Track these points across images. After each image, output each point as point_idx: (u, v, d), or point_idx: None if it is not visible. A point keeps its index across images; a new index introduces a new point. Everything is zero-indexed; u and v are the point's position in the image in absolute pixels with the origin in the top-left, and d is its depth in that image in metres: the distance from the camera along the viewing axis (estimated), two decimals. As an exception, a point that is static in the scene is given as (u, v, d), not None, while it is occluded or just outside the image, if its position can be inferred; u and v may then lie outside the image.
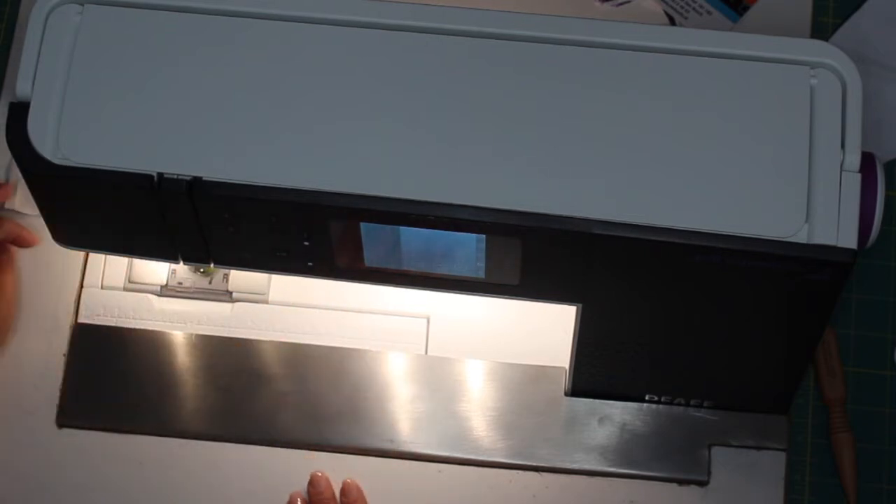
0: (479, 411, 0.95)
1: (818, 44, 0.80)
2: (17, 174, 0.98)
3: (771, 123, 0.78)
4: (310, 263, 0.85)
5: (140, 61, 0.80)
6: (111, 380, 0.97)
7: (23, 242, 0.97)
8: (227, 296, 0.99)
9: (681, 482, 0.93)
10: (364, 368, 0.96)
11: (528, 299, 0.86)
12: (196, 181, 0.79)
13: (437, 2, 0.81)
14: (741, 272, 0.79)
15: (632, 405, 0.94)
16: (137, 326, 0.97)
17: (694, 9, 1.04)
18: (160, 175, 0.79)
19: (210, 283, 0.99)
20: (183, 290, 0.99)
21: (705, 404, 0.93)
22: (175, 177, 0.79)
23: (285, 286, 0.98)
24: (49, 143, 0.80)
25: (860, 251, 0.78)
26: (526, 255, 0.81)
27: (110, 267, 0.99)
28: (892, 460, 0.96)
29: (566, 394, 0.94)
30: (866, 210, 0.78)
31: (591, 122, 0.79)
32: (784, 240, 0.77)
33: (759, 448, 0.93)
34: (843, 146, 0.78)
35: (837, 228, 0.77)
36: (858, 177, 0.78)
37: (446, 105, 0.79)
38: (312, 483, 0.93)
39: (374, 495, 0.93)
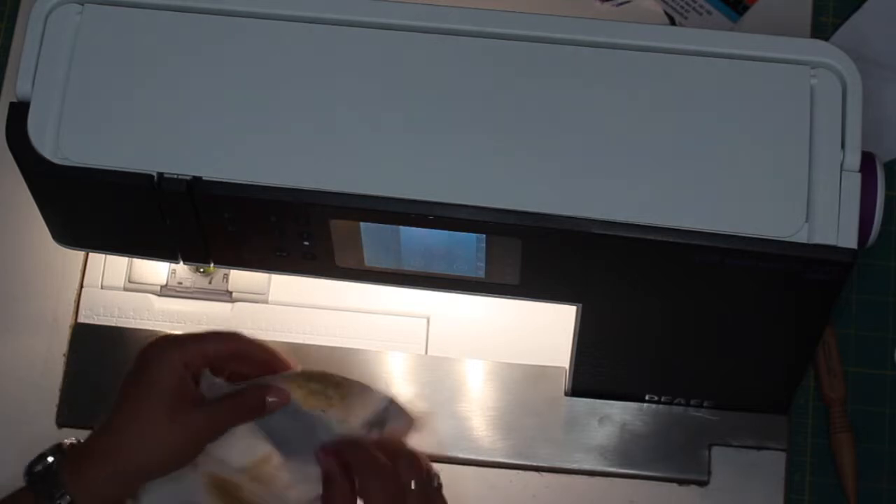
0: (479, 411, 0.95)
1: (818, 44, 0.80)
2: None
3: (771, 123, 0.78)
4: (310, 263, 0.85)
5: (140, 61, 0.80)
6: (111, 380, 0.96)
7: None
8: (227, 296, 0.99)
9: (681, 482, 0.93)
10: (364, 368, 0.96)
11: (528, 299, 0.86)
12: (196, 181, 0.79)
13: (437, 2, 0.81)
14: (741, 272, 0.79)
15: (632, 405, 0.94)
16: (137, 326, 0.97)
17: (694, 9, 1.04)
18: (160, 175, 0.79)
19: (210, 283, 0.99)
20: (183, 290, 0.99)
21: (705, 404, 0.93)
22: (175, 177, 0.79)
23: (285, 286, 0.98)
24: (49, 143, 0.80)
25: (860, 251, 0.78)
26: (526, 255, 0.81)
27: (110, 267, 0.99)
28: (892, 460, 0.96)
29: (566, 394, 0.94)
30: (866, 210, 0.78)
31: (590, 122, 0.79)
32: (784, 240, 0.77)
33: (759, 448, 0.93)
34: (843, 146, 0.78)
35: (837, 228, 0.77)
36: (858, 177, 0.78)
37: (446, 105, 0.79)
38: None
39: (374, 495, 0.93)
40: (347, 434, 0.80)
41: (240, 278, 0.99)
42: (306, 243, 0.83)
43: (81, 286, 0.99)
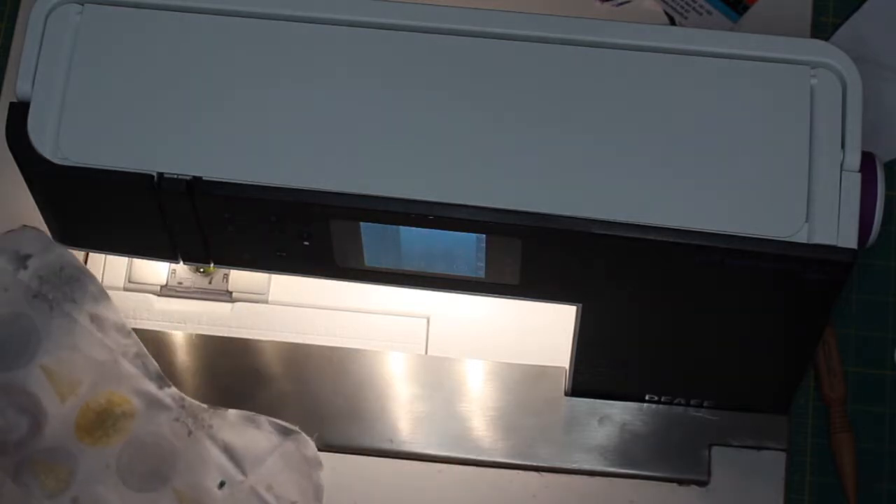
0: (479, 411, 0.95)
1: (818, 44, 0.80)
2: None
3: (771, 123, 0.78)
4: (310, 263, 0.85)
5: (140, 61, 0.80)
6: (111, 380, 0.97)
7: None
8: (227, 296, 0.99)
9: (681, 482, 0.93)
10: (364, 368, 0.96)
11: (528, 299, 0.86)
12: (196, 181, 0.79)
13: (437, 2, 0.81)
14: (741, 272, 0.79)
15: (632, 405, 0.94)
16: (137, 326, 0.97)
17: (694, 9, 1.04)
18: (160, 175, 0.79)
19: (210, 283, 0.99)
20: (183, 290, 0.99)
21: (705, 404, 0.93)
22: (175, 177, 0.79)
23: (285, 286, 0.98)
24: (49, 143, 0.80)
25: (860, 251, 0.78)
26: (526, 255, 0.81)
27: (110, 267, 0.99)
28: (892, 460, 0.96)
29: (566, 394, 0.94)
30: (866, 210, 0.79)
31: (590, 122, 0.79)
32: (784, 240, 0.77)
33: (759, 448, 0.93)
34: (843, 146, 0.78)
35: (837, 228, 0.77)
36: (858, 177, 0.78)
37: (446, 105, 0.79)
38: None
39: (374, 495, 0.93)
40: None
41: (240, 278, 0.99)
42: (306, 243, 0.83)
43: (81, 286, 0.99)
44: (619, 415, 0.94)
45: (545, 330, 0.95)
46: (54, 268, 0.93)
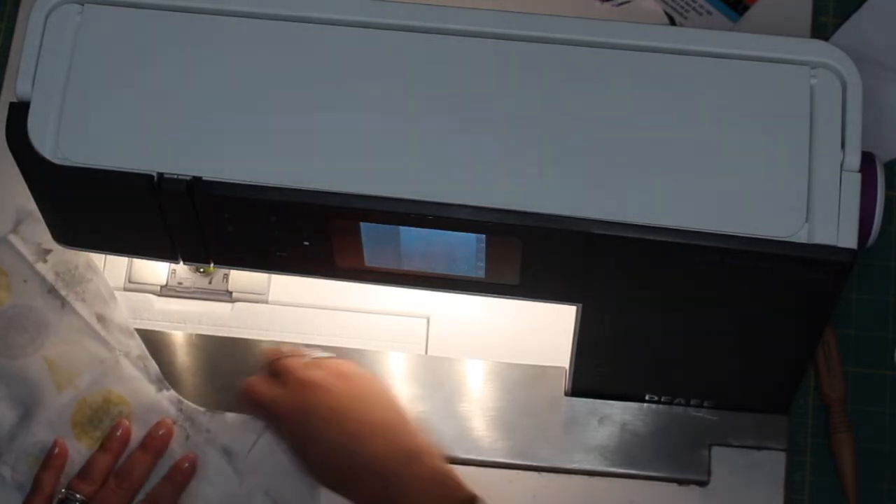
0: (479, 411, 0.95)
1: (818, 44, 0.80)
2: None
3: (771, 123, 0.78)
4: (310, 263, 0.85)
5: (140, 61, 0.80)
6: (111, 380, 0.97)
7: None
8: (227, 296, 0.99)
9: (681, 482, 0.93)
10: (364, 368, 0.96)
11: (528, 299, 0.86)
12: (196, 181, 0.79)
13: (437, 2, 0.81)
14: (741, 272, 0.79)
15: (632, 405, 0.94)
16: (137, 326, 0.97)
17: (694, 9, 1.04)
18: (160, 175, 0.79)
19: (210, 283, 0.99)
20: (183, 290, 0.99)
21: (705, 404, 0.93)
22: (175, 177, 0.79)
23: (285, 286, 0.98)
24: (49, 143, 0.80)
25: (860, 251, 0.78)
26: (526, 255, 0.81)
27: (110, 267, 0.99)
28: (892, 460, 0.96)
29: (566, 394, 0.94)
30: (866, 210, 0.78)
31: (591, 122, 0.79)
32: (784, 240, 0.77)
33: (759, 448, 0.93)
34: (843, 146, 0.78)
35: (837, 228, 0.77)
36: (858, 177, 0.78)
37: (446, 105, 0.79)
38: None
39: (374, 495, 0.93)
40: None
41: (240, 278, 0.99)
42: (306, 243, 0.83)
43: (81, 286, 0.99)
44: (619, 415, 0.94)
45: (545, 330, 0.95)
46: (69, 266, 0.94)
